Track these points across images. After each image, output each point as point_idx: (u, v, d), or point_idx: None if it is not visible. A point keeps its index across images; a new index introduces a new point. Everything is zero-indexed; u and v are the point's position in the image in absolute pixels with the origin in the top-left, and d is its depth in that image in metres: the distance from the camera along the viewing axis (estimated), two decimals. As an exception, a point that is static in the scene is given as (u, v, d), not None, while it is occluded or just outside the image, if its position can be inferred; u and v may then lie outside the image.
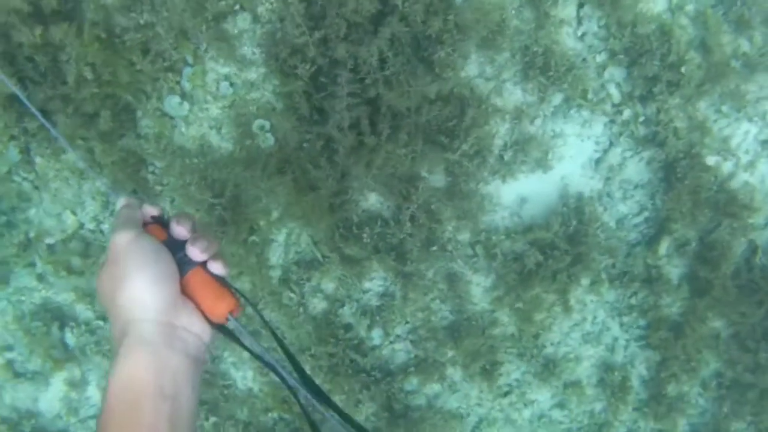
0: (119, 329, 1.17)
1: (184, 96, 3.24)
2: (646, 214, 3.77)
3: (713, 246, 3.77)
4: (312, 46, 3.01)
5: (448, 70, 3.20)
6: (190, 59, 3.18)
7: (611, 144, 3.62)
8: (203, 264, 1.28)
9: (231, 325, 1.28)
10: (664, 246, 3.79)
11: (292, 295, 3.61)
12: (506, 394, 3.97)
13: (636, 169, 3.67)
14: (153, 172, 3.41)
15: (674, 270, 3.85)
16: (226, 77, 3.23)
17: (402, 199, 3.38)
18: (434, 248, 3.52)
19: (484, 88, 3.36)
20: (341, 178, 3.30)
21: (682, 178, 3.59)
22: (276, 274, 3.60)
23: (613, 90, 3.53)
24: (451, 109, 3.24)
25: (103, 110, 3.13)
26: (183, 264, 1.26)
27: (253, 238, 3.49)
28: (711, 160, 3.71)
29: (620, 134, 3.60)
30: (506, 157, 3.48)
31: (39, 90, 3.13)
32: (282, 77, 3.17)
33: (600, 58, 3.46)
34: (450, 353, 3.77)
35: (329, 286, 3.65)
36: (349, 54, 3.04)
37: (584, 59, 3.45)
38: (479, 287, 3.70)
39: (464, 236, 3.59)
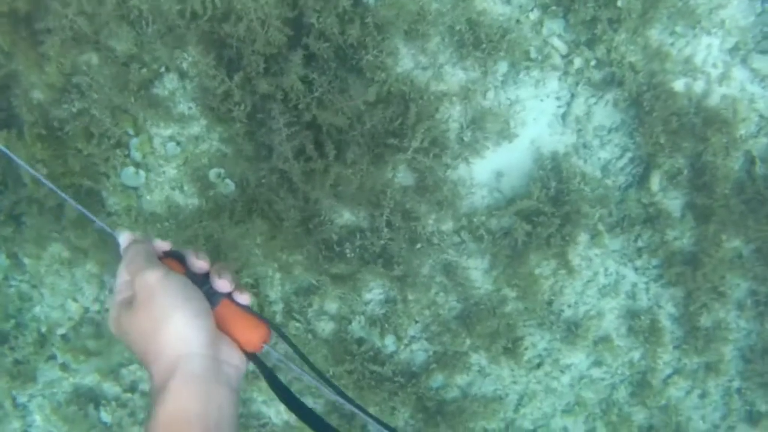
0: (164, 366, 1.19)
1: (138, 166, 3.31)
2: (629, 154, 3.67)
3: (704, 170, 3.64)
4: (236, 90, 3.04)
5: (379, 72, 3.18)
6: (131, 131, 3.25)
7: (572, 96, 3.54)
8: (228, 295, 1.31)
9: (265, 352, 1.31)
10: (655, 181, 3.68)
11: (298, 324, 3.66)
12: (538, 365, 3.93)
13: (605, 113, 3.58)
14: (136, 243, 3.50)
15: (673, 202, 3.74)
16: (171, 138, 3.29)
17: (373, 207, 3.39)
18: (419, 246, 3.51)
19: (423, 78, 3.33)
20: (305, 204, 3.32)
21: (650, 110, 3.48)
22: (278, 308, 3.66)
23: (556, 42, 3.45)
24: (393, 108, 3.22)
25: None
26: (209, 297, 1.28)
27: (246, 280, 3.55)
28: (679, 84, 3.58)
29: (577, 84, 3.51)
30: (466, 139, 3.44)
31: (4, 198, 3.26)
32: (222, 124, 3.22)
33: (533, 15, 3.39)
34: (468, 341, 3.75)
35: (332, 306, 3.68)
36: (275, 86, 3.06)
37: (518, 21, 3.38)
38: (478, 271, 3.67)
39: (447, 226, 3.56)
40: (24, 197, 3.24)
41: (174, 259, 1.35)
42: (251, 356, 1.30)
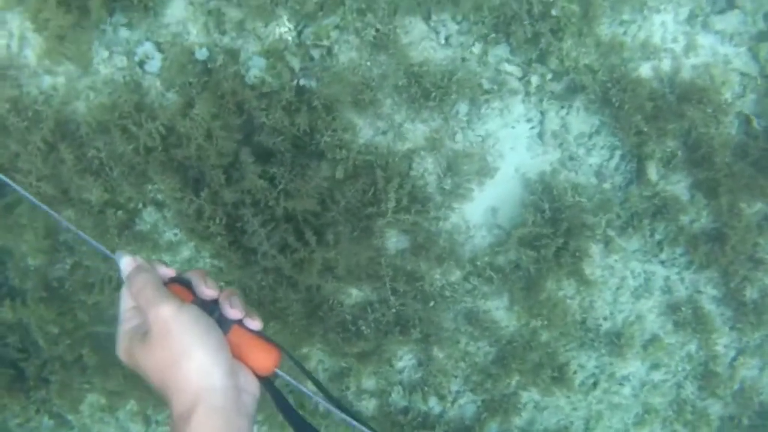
0: (185, 399, 1.19)
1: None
2: (618, 152, 3.58)
3: (698, 144, 3.52)
4: (206, 206, 3.11)
5: (339, 150, 3.20)
6: (127, 271, 3.34)
7: (542, 113, 3.49)
8: (239, 321, 1.29)
9: (277, 376, 1.30)
10: (652, 171, 3.58)
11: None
12: (594, 385, 3.80)
13: (580, 120, 3.51)
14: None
15: (677, 186, 3.62)
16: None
17: (373, 279, 3.38)
18: (432, 303, 3.47)
19: (386, 142, 3.34)
20: (308, 294, 3.34)
21: (621, 105, 3.40)
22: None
23: (508, 67, 3.42)
24: (363, 180, 3.24)
25: (84, 350, 3.34)
26: (220, 324, 1.27)
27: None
28: (645, 69, 3.50)
29: (541, 101, 3.46)
30: (447, 187, 3.41)
31: (30, 363, 3.38)
32: (206, 242, 3.28)
33: (476, 49, 3.37)
34: (513, 381, 3.67)
35: (369, 383, 3.66)
36: (240, 192, 3.12)
37: (463, 59, 3.37)
38: (500, 310, 3.60)
39: (455, 275, 3.52)
40: (47, 359, 3.35)
41: (180, 285, 1.33)
42: (264, 381, 1.29)
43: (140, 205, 3.30)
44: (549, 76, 3.42)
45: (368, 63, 3.27)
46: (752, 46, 3.57)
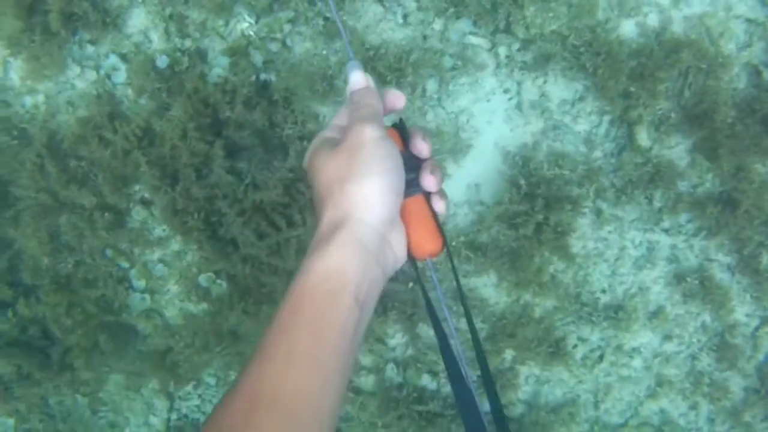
0: (336, 217, 1.17)
1: (143, 291, 3.64)
2: (607, 117, 3.37)
3: (696, 102, 3.24)
4: (180, 199, 3.27)
5: (301, 142, 3.24)
6: (126, 265, 3.59)
7: (518, 83, 3.34)
8: (427, 194, 1.27)
9: (426, 264, 1.27)
10: (642, 136, 3.34)
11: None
12: (600, 358, 3.67)
13: (560, 87, 3.33)
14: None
15: (675, 150, 3.36)
16: (159, 260, 3.59)
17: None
18: (411, 284, 3.48)
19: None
20: (291, 276, 3.43)
21: (595, 70, 3.19)
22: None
23: (474, 41, 3.28)
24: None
25: (100, 336, 3.64)
26: (409, 185, 1.23)
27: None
28: (627, 28, 3.25)
29: (513, 71, 3.31)
30: (418, 168, 3.36)
31: (53, 351, 3.73)
32: (188, 236, 3.45)
33: (437, 25, 3.26)
34: (508, 356, 3.62)
35: (366, 360, 3.73)
36: (210, 187, 3.25)
37: (425, 37, 3.27)
38: (488, 287, 3.54)
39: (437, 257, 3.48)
40: (68, 346, 3.68)
41: (397, 132, 1.31)
42: (412, 260, 1.27)
43: (130, 205, 3.51)
44: (516, 46, 3.26)
45: (324, 52, 3.26)
46: (760, -13, 3.22)
